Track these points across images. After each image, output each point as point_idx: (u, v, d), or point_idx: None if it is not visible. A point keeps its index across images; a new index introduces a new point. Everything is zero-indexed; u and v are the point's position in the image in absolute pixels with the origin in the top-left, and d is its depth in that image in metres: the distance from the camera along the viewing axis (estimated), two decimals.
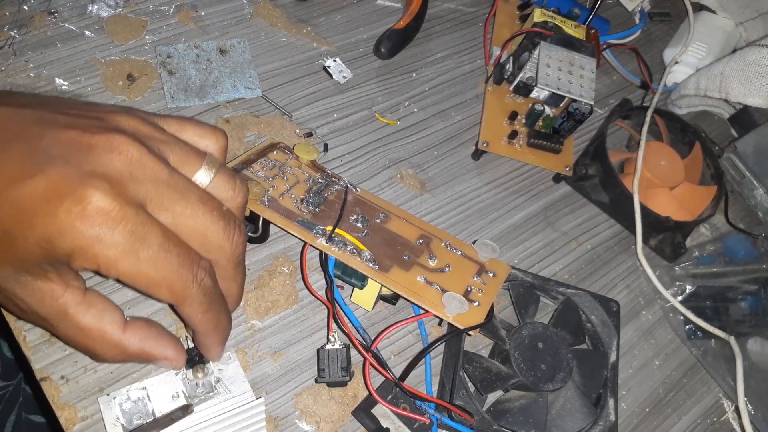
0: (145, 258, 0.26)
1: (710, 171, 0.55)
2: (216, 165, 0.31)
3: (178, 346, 0.33)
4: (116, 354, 0.30)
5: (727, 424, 0.47)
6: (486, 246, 0.43)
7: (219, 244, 0.29)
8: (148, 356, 0.31)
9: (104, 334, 0.29)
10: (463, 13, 0.60)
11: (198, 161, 0.30)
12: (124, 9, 0.49)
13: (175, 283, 0.28)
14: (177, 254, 0.27)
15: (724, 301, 0.50)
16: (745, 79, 0.54)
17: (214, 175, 0.30)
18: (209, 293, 0.29)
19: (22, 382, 0.86)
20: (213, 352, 0.34)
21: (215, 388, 0.35)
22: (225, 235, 0.29)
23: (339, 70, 0.51)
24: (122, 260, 0.26)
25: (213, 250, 0.30)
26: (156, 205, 0.27)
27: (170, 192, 0.27)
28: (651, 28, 0.67)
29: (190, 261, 0.28)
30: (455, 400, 0.38)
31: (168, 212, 0.28)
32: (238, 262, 0.31)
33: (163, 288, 0.27)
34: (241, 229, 0.31)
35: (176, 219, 0.28)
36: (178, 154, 0.29)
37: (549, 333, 0.41)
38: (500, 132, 0.51)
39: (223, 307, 0.32)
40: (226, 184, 0.31)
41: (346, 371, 0.38)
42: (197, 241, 0.29)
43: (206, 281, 0.29)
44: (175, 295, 0.28)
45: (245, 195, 0.32)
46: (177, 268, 0.27)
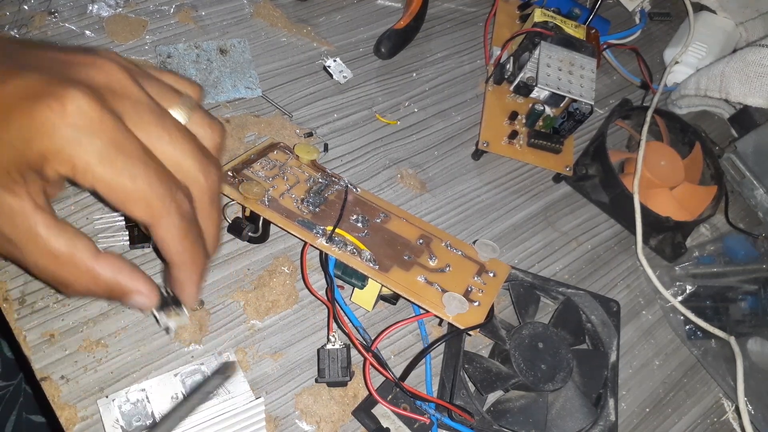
0: (122, 167, 0.26)
1: (710, 171, 0.55)
2: (192, 104, 0.31)
3: (151, 282, 0.31)
4: (88, 283, 0.28)
5: (727, 424, 0.47)
6: (486, 246, 0.43)
7: (194, 175, 0.29)
8: (120, 289, 0.30)
9: (76, 259, 0.27)
10: (463, 13, 0.60)
11: (175, 98, 0.30)
12: (125, 9, 0.49)
13: (152, 199, 0.27)
14: (156, 170, 0.27)
15: (724, 301, 0.50)
16: (745, 79, 0.54)
17: (190, 112, 0.30)
18: (187, 217, 0.29)
19: (23, 382, 0.86)
20: (187, 291, 0.32)
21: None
22: (200, 167, 0.29)
23: (339, 70, 0.51)
24: (99, 166, 0.25)
25: (188, 181, 0.29)
26: (134, 123, 0.27)
27: (148, 113, 0.27)
28: (651, 28, 0.67)
29: (169, 180, 0.28)
30: (455, 400, 0.38)
31: (145, 132, 0.27)
32: (213, 198, 0.31)
33: (139, 202, 0.27)
34: (218, 166, 0.30)
35: (153, 142, 0.27)
36: (156, 89, 0.29)
37: (549, 333, 0.41)
38: (500, 132, 0.51)
39: (200, 240, 0.31)
40: (203, 121, 0.31)
41: (347, 371, 0.38)
42: (173, 169, 0.28)
43: (185, 204, 0.28)
44: (151, 212, 0.27)
45: (222, 135, 0.32)
46: (155, 183, 0.27)
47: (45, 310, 0.37)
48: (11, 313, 0.37)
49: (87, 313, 0.38)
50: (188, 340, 0.38)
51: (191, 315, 0.39)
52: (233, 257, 0.42)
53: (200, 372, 0.35)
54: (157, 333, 0.38)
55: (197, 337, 0.39)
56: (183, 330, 0.38)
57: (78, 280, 0.28)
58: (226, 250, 0.42)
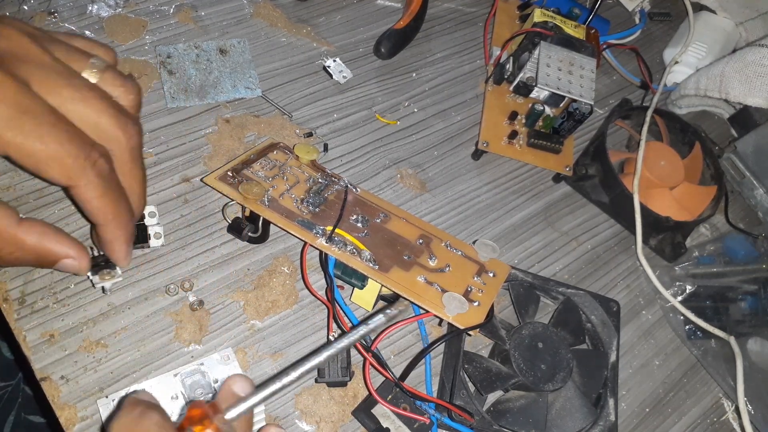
0: (30, 130, 0.26)
1: (710, 171, 0.55)
2: (103, 65, 0.30)
3: (80, 246, 0.31)
4: (13, 250, 0.28)
5: (727, 424, 0.47)
6: (486, 246, 0.43)
7: (112, 133, 0.29)
8: (47, 254, 0.30)
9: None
10: (463, 13, 0.60)
11: (84, 60, 0.30)
12: (124, 9, 0.49)
13: (65, 159, 0.27)
14: (66, 130, 0.27)
15: (724, 301, 0.50)
16: (745, 79, 0.54)
17: (101, 73, 0.30)
18: (105, 176, 0.29)
19: (21, 382, 0.85)
20: (117, 249, 0.32)
21: (214, 389, 0.35)
22: (117, 124, 0.29)
23: (339, 70, 0.51)
24: (7, 131, 0.25)
25: (106, 140, 0.29)
26: (41, 86, 0.27)
27: (56, 76, 0.27)
28: (651, 28, 0.67)
29: (82, 140, 0.27)
30: (455, 400, 0.38)
31: (55, 95, 0.27)
32: (134, 155, 0.31)
33: (53, 164, 0.27)
34: (135, 122, 0.30)
35: (65, 104, 0.27)
36: (64, 52, 0.29)
37: (549, 333, 0.41)
38: (500, 132, 0.51)
39: (122, 197, 0.30)
40: (116, 81, 0.30)
41: (346, 371, 0.38)
42: (89, 129, 0.28)
43: (101, 163, 0.28)
44: (67, 173, 0.27)
45: (137, 92, 0.31)
46: (67, 144, 0.27)
47: (45, 310, 0.37)
48: (11, 313, 0.37)
49: (87, 313, 0.38)
50: (188, 340, 0.38)
51: (192, 315, 0.39)
52: (233, 257, 0.42)
53: (200, 372, 0.35)
54: (157, 333, 0.38)
55: (197, 337, 0.39)
56: (183, 330, 0.38)
57: (3, 248, 0.28)
58: (226, 250, 0.42)
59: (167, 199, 0.42)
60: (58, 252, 0.30)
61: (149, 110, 0.46)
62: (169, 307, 0.39)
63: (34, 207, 0.40)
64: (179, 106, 0.46)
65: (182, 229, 0.42)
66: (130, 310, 0.38)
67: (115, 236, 0.31)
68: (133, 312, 0.38)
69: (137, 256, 0.40)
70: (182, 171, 0.44)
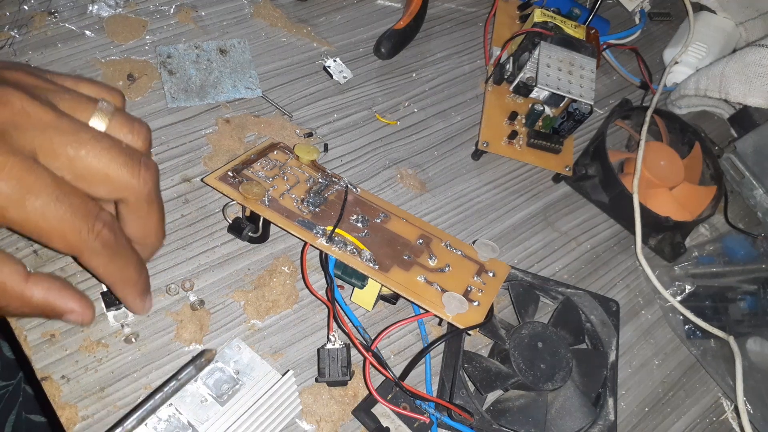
0: (33, 208, 0.26)
1: (710, 171, 0.55)
2: (111, 110, 0.30)
3: (84, 299, 0.31)
4: (20, 305, 0.29)
5: (726, 423, 0.47)
6: (486, 246, 0.43)
7: (124, 181, 0.29)
8: (53, 308, 0.30)
9: (5, 285, 0.28)
10: (463, 13, 0.60)
11: (90, 107, 0.29)
12: (125, 9, 0.49)
13: (67, 234, 0.27)
14: (69, 204, 0.27)
15: (723, 301, 0.50)
16: (745, 79, 0.54)
17: (109, 120, 0.30)
18: (109, 245, 0.29)
19: (22, 381, 0.86)
20: (132, 305, 0.34)
21: (238, 380, 0.35)
22: (129, 172, 0.29)
23: (339, 70, 0.51)
24: (9, 209, 0.26)
25: (119, 190, 0.29)
26: (46, 153, 0.27)
27: (59, 136, 0.27)
28: (651, 28, 0.67)
29: (86, 211, 0.28)
30: (455, 399, 0.38)
31: (61, 157, 0.27)
32: (149, 199, 0.31)
33: (55, 238, 0.27)
34: (148, 165, 0.30)
35: (72, 163, 0.27)
36: (68, 101, 0.29)
37: (549, 333, 0.41)
38: (500, 132, 0.51)
39: (130, 260, 0.31)
40: (124, 124, 0.30)
41: (347, 371, 0.38)
42: (100, 182, 0.28)
43: (105, 233, 0.28)
44: (70, 246, 0.28)
45: (147, 134, 0.31)
46: (70, 218, 0.27)
47: None
48: None
49: None
50: (189, 340, 0.38)
51: (192, 315, 0.39)
52: (233, 257, 0.42)
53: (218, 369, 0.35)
54: (157, 333, 0.38)
55: (198, 337, 0.39)
56: (183, 330, 0.39)
57: (10, 304, 0.29)
58: (226, 250, 0.42)
59: (168, 199, 0.43)
60: (63, 308, 0.31)
61: (150, 110, 0.46)
62: (170, 307, 0.39)
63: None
64: (179, 106, 0.46)
65: (183, 229, 0.42)
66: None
67: (126, 294, 0.33)
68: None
69: None
70: (182, 171, 0.44)
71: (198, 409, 0.34)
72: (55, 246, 0.28)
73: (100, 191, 0.29)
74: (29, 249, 0.38)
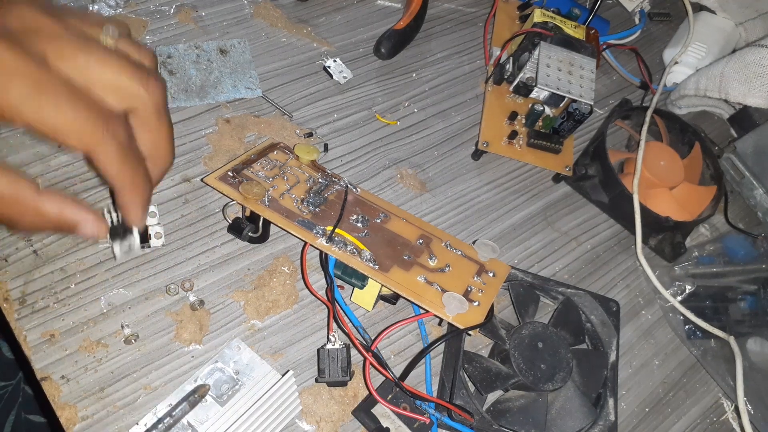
0: (47, 104, 0.27)
1: (710, 171, 0.55)
2: (117, 31, 0.31)
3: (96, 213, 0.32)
4: (34, 219, 0.30)
5: (726, 423, 0.47)
6: (486, 246, 0.43)
7: (133, 90, 0.30)
8: (67, 222, 0.31)
9: (19, 198, 0.29)
10: (463, 13, 0.60)
11: (98, 29, 0.30)
12: (125, 9, 0.49)
13: (83, 130, 0.28)
14: (84, 101, 0.28)
15: (723, 301, 0.50)
16: (744, 80, 0.54)
17: (115, 41, 0.31)
18: (123, 145, 0.30)
19: (21, 382, 0.86)
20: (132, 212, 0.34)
21: (238, 380, 0.35)
22: (138, 81, 0.30)
23: (339, 71, 0.51)
24: (24, 107, 0.27)
25: (129, 98, 0.30)
26: (58, 57, 0.28)
27: (70, 45, 0.28)
28: (651, 28, 0.67)
29: (100, 110, 0.28)
30: (455, 399, 0.38)
31: (71, 62, 0.28)
32: (158, 110, 0.31)
33: (71, 135, 0.28)
34: (157, 77, 0.31)
35: (81, 70, 0.28)
36: (78, 22, 0.30)
37: (549, 333, 0.41)
38: (500, 132, 0.51)
39: (140, 165, 0.32)
40: (131, 46, 0.31)
41: (346, 371, 0.38)
42: (110, 91, 0.29)
43: (119, 133, 0.29)
44: (85, 143, 0.28)
45: (153, 58, 0.32)
46: (84, 115, 0.28)
47: (45, 310, 0.37)
48: (11, 313, 0.37)
49: (87, 313, 0.38)
50: (188, 340, 0.38)
51: (192, 315, 0.39)
52: (233, 257, 0.42)
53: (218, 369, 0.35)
54: (157, 333, 0.38)
55: (198, 337, 0.39)
56: (183, 330, 0.39)
57: (24, 217, 0.30)
58: (227, 250, 0.42)
59: (168, 199, 0.43)
60: (76, 219, 0.31)
61: None
62: (170, 307, 0.39)
63: None
64: (180, 106, 0.46)
65: (183, 229, 0.42)
66: (131, 309, 0.38)
67: (131, 200, 0.33)
68: (134, 312, 0.38)
69: (137, 256, 0.40)
70: (183, 171, 0.44)
71: (198, 409, 0.34)
72: (71, 143, 0.28)
73: (109, 100, 0.29)
74: (29, 249, 0.38)
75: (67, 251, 0.39)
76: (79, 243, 0.39)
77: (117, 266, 0.39)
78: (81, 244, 0.39)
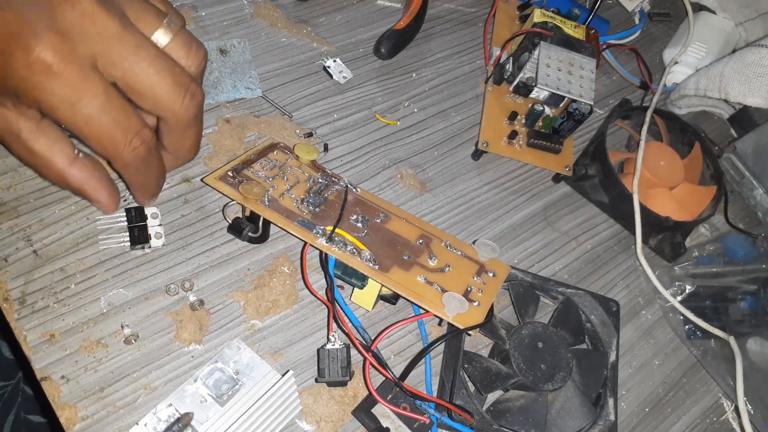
0: (82, 113, 0.29)
1: (710, 171, 0.55)
2: (176, 26, 0.32)
3: (114, 193, 0.35)
4: (58, 181, 0.32)
5: (726, 423, 0.47)
6: (486, 246, 0.43)
7: (168, 104, 0.31)
8: (85, 193, 0.33)
9: (51, 162, 0.31)
10: (463, 13, 0.60)
11: (157, 20, 0.31)
12: None
13: (106, 142, 0.30)
14: (114, 117, 0.29)
15: (723, 301, 0.50)
16: (744, 79, 0.54)
17: (173, 36, 0.31)
18: (140, 160, 0.31)
19: (21, 382, 0.86)
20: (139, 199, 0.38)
21: (238, 380, 0.35)
22: (175, 96, 0.31)
23: (339, 71, 0.51)
24: (59, 109, 0.28)
25: (162, 109, 0.31)
26: (105, 61, 0.29)
27: (120, 47, 0.29)
28: (651, 28, 0.67)
29: (127, 126, 0.30)
30: (455, 399, 0.38)
31: (117, 67, 0.29)
32: (187, 124, 0.33)
33: (94, 142, 0.30)
34: (195, 93, 0.32)
35: (125, 75, 0.29)
36: (137, 10, 0.31)
37: (549, 333, 0.41)
38: (500, 132, 0.51)
39: (154, 174, 0.34)
40: (185, 46, 0.32)
41: (346, 371, 0.38)
42: (147, 98, 0.31)
43: (140, 150, 0.31)
44: (105, 152, 0.30)
45: (203, 57, 0.33)
46: (111, 130, 0.29)
47: (45, 310, 0.37)
48: (11, 313, 0.37)
49: (87, 313, 0.38)
50: (188, 340, 0.38)
51: (192, 315, 0.39)
52: (233, 257, 0.42)
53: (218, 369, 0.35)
54: (156, 333, 0.38)
55: (198, 337, 0.39)
56: (183, 330, 0.39)
57: (50, 176, 0.32)
58: (227, 250, 0.42)
59: (168, 199, 0.43)
60: (93, 196, 0.34)
61: None
62: (170, 307, 0.39)
63: (35, 207, 0.40)
64: None
65: (183, 229, 0.42)
66: (131, 309, 0.38)
67: (138, 193, 0.36)
68: (134, 312, 0.38)
69: (137, 256, 0.40)
70: (183, 171, 0.44)
71: (197, 409, 0.34)
72: (93, 147, 0.30)
73: (145, 105, 0.31)
74: (29, 249, 0.38)
75: (67, 251, 0.39)
76: (79, 243, 0.39)
77: (117, 266, 0.39)
78: (81, 244, 0.39)
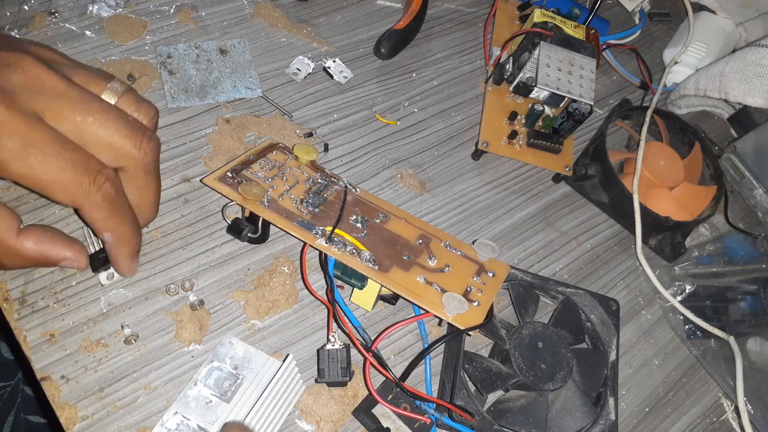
0: (35, 161, 0.28)
1: (710, 171, 0.55)
2: (122, 87, 0.32)
3: (77, 246, 0.33)
4: (14, 259, 0.31)
5: (726, 423, 0.47)
6: (485, 246, 0.43)
7: (126, 151, 0.30)
8: (46, 259, 0.32)
9: None
10: (463, 13, 0.60)
11: (103, 82, 0.31)
12: (125, 9, 0.49)
13: (69, 186, 0.29)
14: (71, 158, 0.29)
15: (723, 301, 0.50)
16: (744, 79, 0.54)
17: (119, 96, 0.31)
18: (110, 200, 0.30)
19: (21, 382, 0.86)
20: (123, 265, 0.35)
21: (238, 375, 0.35)
22: (132, 142, 0.30)
23: (339, 71, 0.51)
24: (11, 162, 0.28)
25: (121, 158, 0.31)
26: (54, 116, 0.29)
27: (68, 103, 0.29)
28: (651, 28, 0.67)
29: (88, 166, 0.29)
30: (456, 399, 0.38)
31: (68, 122, 0.29)
32: (148, 170, 0.32)
33: (57, 190, 0.29)
34: (151, 138, 0.31)
35: (78, 128, 0.29)
36: (83, 76, 0.31)
37: (549, 332, 0.41)
38: (500, 132, 0.51)
39: (128, 218, 0.32)
40: (134, 103, 0.32)
41: (346, 371, 0.38)
42: (104, 149, 0.30)
43: (106, 187, 0.30)
44: (72, 198, 0.29)
45: (154, 114, 0.33)
46: (71, 171, 0.29)
47: (45, 310, 0.37)
48: (11, 313, 0.37)
49: (87, 313, 0.38)
50: (188, 340, 0.38)
51: (192, 315, 0.39)
52: (233, 257, 0.42)
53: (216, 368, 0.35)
54: (156, 333, 0.38)
55: (197, 337, 0.39)
56: (183, 330, 0.39)
57: (4, 258, 0.31)
58: (226, 250, 0.42)
59: (168, 199, 0.43)
60: (56, 257, 0.32)
61: None
62: (170, 307, 0.39)
63: (34, 207, 0.40)
64: (180, 106, 0.46)
65: (182, 229, 0.42)
66: (131, 310, 0.38)
67: (120, 252, 0.34)
68: (134, 312, 0.38)
69: None
70: (182, 171, 0.44)
71: (205, 411, 0.34)
72: (58, 198, 0.29)
73: (102, 157, 0.30)
74: None
75: None
76: None
77: None
78: None
